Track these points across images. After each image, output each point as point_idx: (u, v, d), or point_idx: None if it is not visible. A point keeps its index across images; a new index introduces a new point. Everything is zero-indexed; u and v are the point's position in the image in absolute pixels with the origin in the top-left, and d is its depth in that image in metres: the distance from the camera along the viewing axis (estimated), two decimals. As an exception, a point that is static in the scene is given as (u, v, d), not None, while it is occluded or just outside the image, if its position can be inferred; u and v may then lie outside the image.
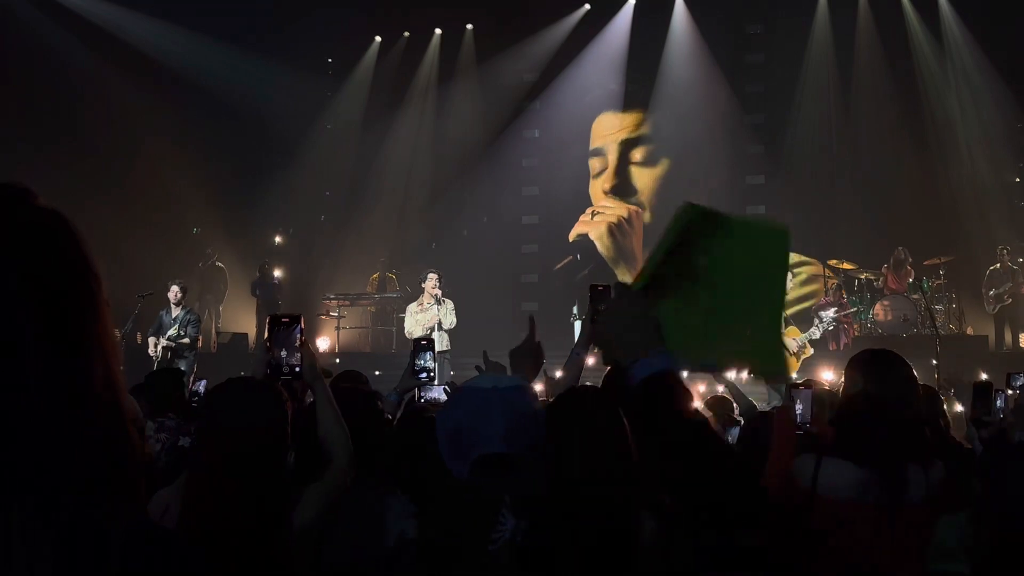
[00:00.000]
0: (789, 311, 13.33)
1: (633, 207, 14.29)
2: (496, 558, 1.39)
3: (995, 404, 3.35)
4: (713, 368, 1.53)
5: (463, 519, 1.46)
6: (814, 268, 13.23)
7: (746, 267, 1.39)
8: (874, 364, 2.51)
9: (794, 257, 13.37)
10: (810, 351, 9.00)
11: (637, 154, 14.36)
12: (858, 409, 2.34)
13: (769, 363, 1.44)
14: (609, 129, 14.53)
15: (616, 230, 14.26)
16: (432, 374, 3.08)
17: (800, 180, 13.09)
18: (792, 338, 8.54)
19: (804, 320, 13.30)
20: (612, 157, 14.39)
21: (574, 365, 2.74)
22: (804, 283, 13.34)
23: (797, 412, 2.97)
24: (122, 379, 0.88)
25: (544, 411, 1.71)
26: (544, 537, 1.43)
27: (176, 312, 9.22)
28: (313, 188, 14.46)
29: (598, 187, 14.50)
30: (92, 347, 0.83)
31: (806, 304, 12.98)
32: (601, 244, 14.34)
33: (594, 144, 14.62)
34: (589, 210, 14.42)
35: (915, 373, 2.51)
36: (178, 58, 13.00)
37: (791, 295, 13.39)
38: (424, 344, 3.10)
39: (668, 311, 1.33)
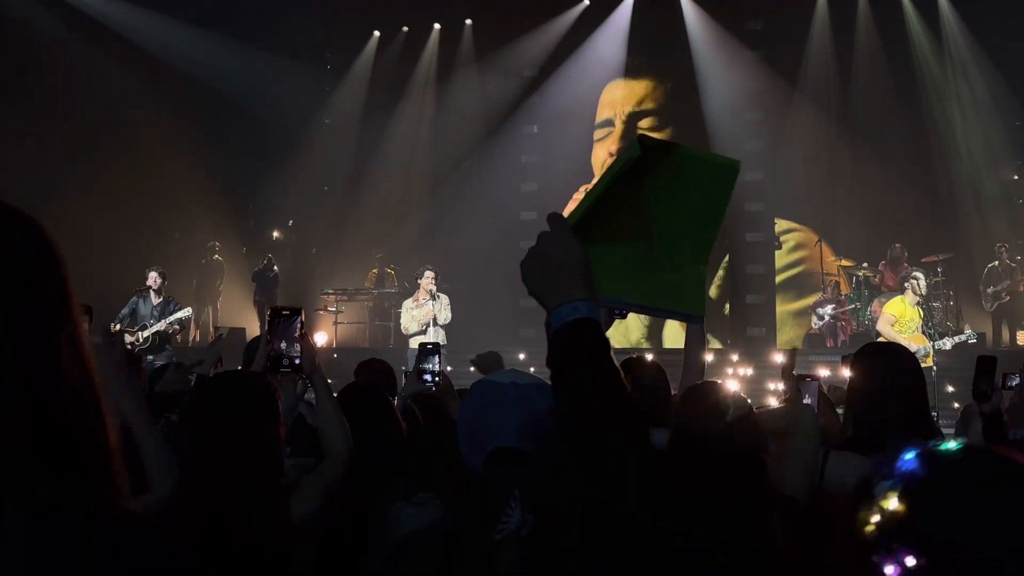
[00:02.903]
0: (779, 278, 13.41)
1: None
2: (501, 547, 1.43)
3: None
4: (626, 305, 1.37)
5: (475, 509, 1.50)
6: (803, 235, 13.28)
7: (691, 201, 1.30)
8: (881, 356, 2.54)
9: (783, 224, 13.44)
10: (931, 361, 7.80)
11: (645, 123, 14.37)
12: (866, 401, 2.36)
13: (686, 302, 1.32)
14: (617, 98, 14.51)
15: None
16: (437, 378, 3.06)
17: (798, 176, 13.09)
18: (918, 345, 7.58)
19: (792, 287, 13.37)
20: (619, 124, 14.39)
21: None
22: (792, 249, 13.40)
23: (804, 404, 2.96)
24: (92, 354, 0.86)
25: None
26: (548, 532, 1.45)
27: (156, 300, 8.79)
28: (311, 183, 14.43)
29: (602, 151, 14.46)
30: (60, 315, 0.83)
31: (795, 271, 13.00)
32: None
33: (602, 115, 14.58)
34: (583, 187, 14.44)
35: (920, 366, 2.55)
36: (175, 51, 12.96)
37: (780, 262, 13.44)
38: (430, 348, 3.08)
39: (600, 247, 1.21)
